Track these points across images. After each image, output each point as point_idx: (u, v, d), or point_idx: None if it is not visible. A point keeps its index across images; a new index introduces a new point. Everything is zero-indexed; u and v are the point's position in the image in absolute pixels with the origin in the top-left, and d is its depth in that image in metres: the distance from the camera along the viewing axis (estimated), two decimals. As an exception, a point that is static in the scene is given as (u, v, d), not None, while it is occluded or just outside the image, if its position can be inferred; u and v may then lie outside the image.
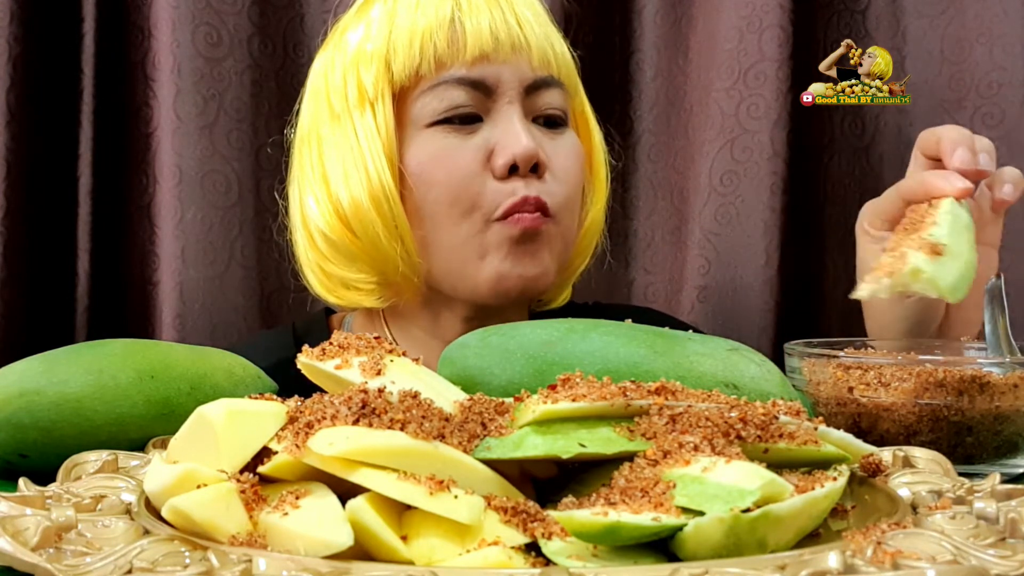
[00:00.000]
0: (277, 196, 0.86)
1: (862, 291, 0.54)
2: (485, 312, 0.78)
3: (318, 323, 0.89)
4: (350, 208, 0.75)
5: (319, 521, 0.35)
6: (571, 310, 0.87)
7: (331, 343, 0.48)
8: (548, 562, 0.34)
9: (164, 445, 0.49)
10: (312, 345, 0.48)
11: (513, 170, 0.74)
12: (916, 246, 0.56)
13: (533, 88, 0.76)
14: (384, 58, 0.75)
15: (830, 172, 1.10)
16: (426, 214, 0.75)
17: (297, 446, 0.38)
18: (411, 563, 0.34)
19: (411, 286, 0.77)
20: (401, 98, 0.76)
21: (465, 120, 0.75)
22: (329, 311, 0.92)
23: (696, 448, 0.38)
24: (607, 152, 0.86)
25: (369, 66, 0.75)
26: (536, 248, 0.75)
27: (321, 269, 0.79)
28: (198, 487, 0.37)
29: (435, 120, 0.75)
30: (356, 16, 0.80)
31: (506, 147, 0.74)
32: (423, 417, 0.39)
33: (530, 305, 0.85)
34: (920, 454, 0.48)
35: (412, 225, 0.75)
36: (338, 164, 0.76)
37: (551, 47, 0.77)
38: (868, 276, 0.55)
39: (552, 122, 0.78)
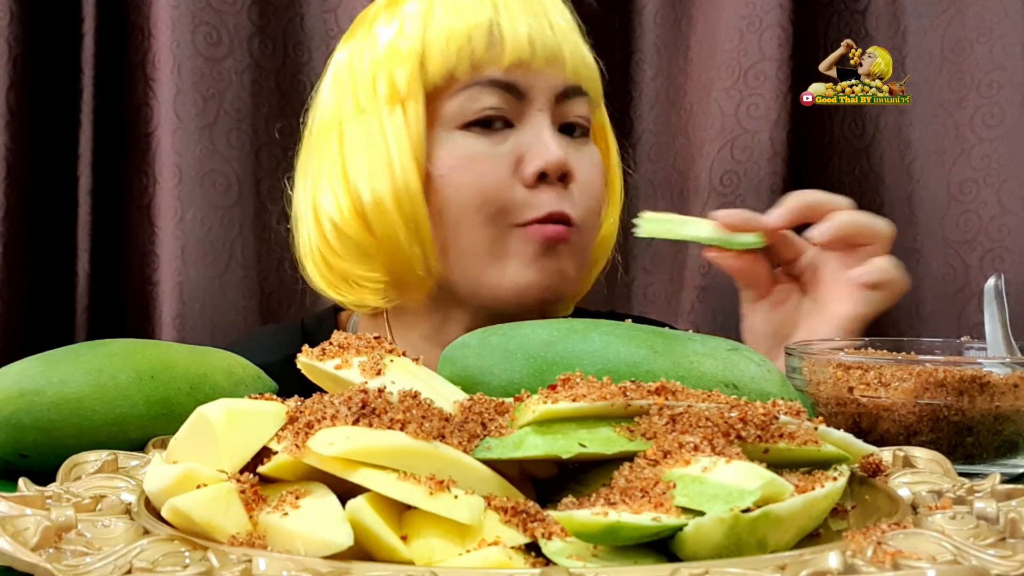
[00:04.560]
0: (287, 186, 0.86)
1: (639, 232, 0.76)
2: (492, 321, 0.77)
3: (327, 320, 0.89)
4: (371, 205, 0.74)
5: (319, 521, 0.35)
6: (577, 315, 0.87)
7: (331, 343, 0.48)
8: (548, 562, 0.34)
9: (164, 445, 0.49)
10: (321, 341, 0.48)
11: (541, 178, 0.74)
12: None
13: (564, 96, 0.76)
14: (419, 57, 0.74)
15: (830, 172, 1.10)
16: (450, 217, 0.75)
17: (297, 446, 0.38)
18: (411, 563, 0.33)
19: (423, 288, 0.77)
20: (432, 98, 0.75)
21: (494, 125, 0.75)
22: (338, 309, 0.91)
23: (696, 448, 0.38)
24: (622, 166, 0.86)
25: (403, 64, 0.74)
26: (559, 257, 0.75)
27: (326, 262, 0.78)
28: (198, 487, 0.37)
29: (466, 123, 0.75)
30: (388, 9, 0.79)
31: (536, 156, 0.74)
32: (423, 417, 0.39)
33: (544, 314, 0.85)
34: (920, 454, 0.48)
35: (433, 227, 0.75)
36: (361, 159, 0.75)
37: (582, 58, 0.78)
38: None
39: (576, 131, 0.78)
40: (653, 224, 0.75)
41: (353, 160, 0.75)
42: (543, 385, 0.43)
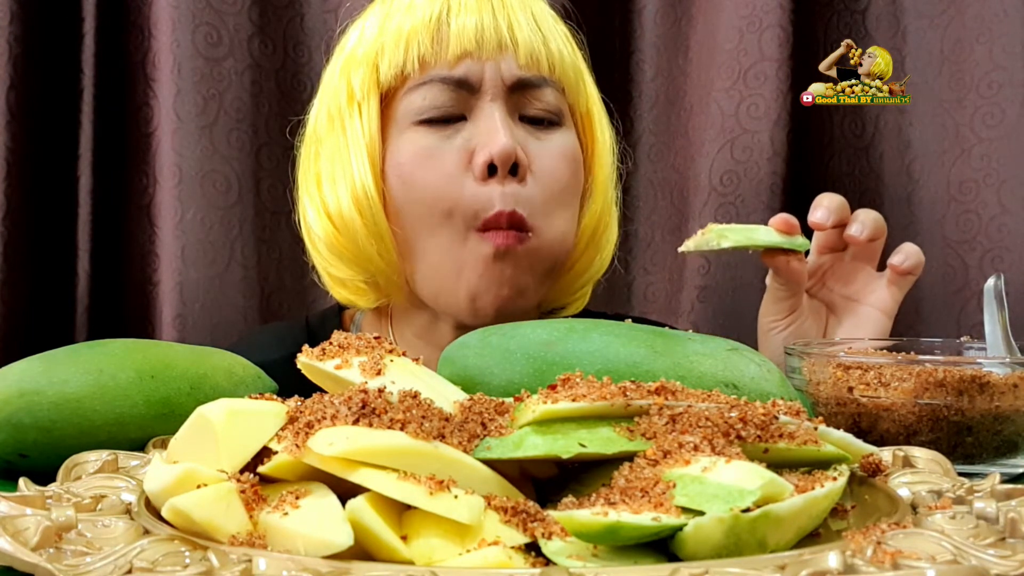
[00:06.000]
0: (288, 195, 0.86)
1: (686, 246, 0.77)
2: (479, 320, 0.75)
3: (331, 318, 0.89)
4: (335, 206, 0.75)
5: (319, 521, 0.35)
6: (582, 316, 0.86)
7: (331, 343, 0.48)
8: (548, 562, 0.34)
9: (164, 445, 0.49)
10: (325, 339, 0.48)
11: (493, 170, 0.72)
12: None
13: (518, 87, 0.75)
14: (372, 60, 0.75)
15: (830, 172, 1.10)
16: (407, 215, 0.74)
17: (297, 446, 0.38)
18: (411, 563, 0.33)
19: (394, 287, 0.77)
20: (389, 99, 0.75)
21: (447, 119, 0.74)
22: (343, 307, 0.91)
23: (696, 448, 0.38)
24: (616, 155, 0.84)
25: (358, 68, 0.75)
26: (512, 266, 0.73)
27: (321, 266, 0.80)
28: (198, 487, 0.37)
29: (418, 119, 0.74)
30: (358, 21, 0.80)
31: (484, 146, 0.72)
32: (423, 417, 0.39)
33: (539, 314, 0.84)
34: (920, 454, 0.48)
35: (394, 225, 0.75)
36: (329, 165, 0.76)
37: (544, 46, 0.76)
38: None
39: (540, 121, 0.77)
40: (728, 234, 0.74)
41: (324, 167, 0.77)
42: (543, 385, 0.43)
